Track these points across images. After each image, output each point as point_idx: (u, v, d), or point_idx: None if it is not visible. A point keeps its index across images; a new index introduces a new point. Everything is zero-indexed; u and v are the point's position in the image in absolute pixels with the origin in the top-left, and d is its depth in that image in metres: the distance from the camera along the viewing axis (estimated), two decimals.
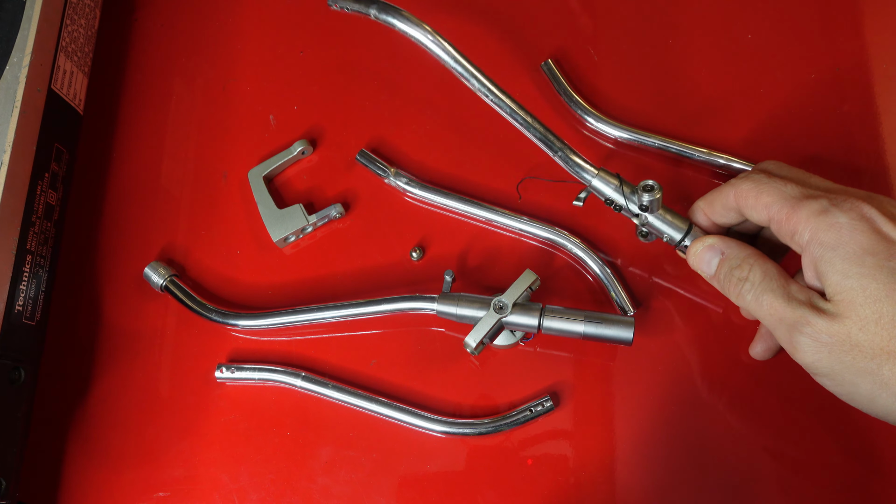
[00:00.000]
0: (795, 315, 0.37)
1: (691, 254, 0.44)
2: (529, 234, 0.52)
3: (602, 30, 0.57)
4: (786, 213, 0.39)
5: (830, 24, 0.55)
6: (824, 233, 0.37)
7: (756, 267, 0.40)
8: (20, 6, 0.50)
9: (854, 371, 0.36)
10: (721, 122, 0.53)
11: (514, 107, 0.45)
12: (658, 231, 0.45)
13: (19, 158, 0.48)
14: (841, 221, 0.37)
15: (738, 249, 0.42)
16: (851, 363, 0.36)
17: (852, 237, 0.36)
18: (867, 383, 0.36)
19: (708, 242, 0.43)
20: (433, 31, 0.45)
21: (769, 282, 0.39)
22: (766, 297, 0.39)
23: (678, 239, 0.45)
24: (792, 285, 0.39)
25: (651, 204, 0.43)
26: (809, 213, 0.38)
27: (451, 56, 0.45)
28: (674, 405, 0.48)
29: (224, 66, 0.59)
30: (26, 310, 0.48)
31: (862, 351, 0.35)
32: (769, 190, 0.40)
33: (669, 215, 0.45)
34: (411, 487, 0.48)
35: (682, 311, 0.50)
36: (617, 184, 0.45)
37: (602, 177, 0.45)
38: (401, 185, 0.53)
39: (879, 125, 0.52)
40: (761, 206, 0.40)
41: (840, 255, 0.36)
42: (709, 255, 0.43)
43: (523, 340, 0.49)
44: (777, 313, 0.38)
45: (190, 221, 0.55)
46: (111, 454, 0.50)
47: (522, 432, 0.48)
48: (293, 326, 0.51)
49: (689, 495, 0.46)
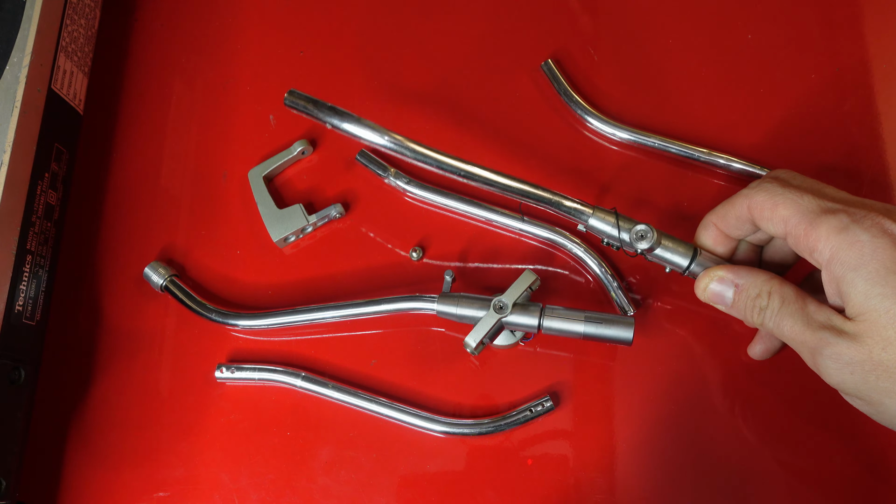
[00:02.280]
0: (816, 338, 0.37)
1: (701, 290, 0.43)
2: (529, 234, 0.52)
3: (602, 30, 0.57)
4: (804, 229, 0.38)
5: (830, 24, 0.55)
6: (846, 252, 0.36)
7: (774, 294, 0.40)
8: (20, 6, 0.50)
9: (880, 391, 0.36)
10: (721, 122, 0.53)
11: (500, 178, 0.45)
12: (662, 262, 0.44)
13: (19, 158, 0.48)
14: (863, 239, 0.36)
15: (752, 278, 0.41)
16: (876, 383, 0.36)
17: (874, 256, 0.35)
18: (894, 403, 0.36)
19: (718, 275, 0.42)
20: (392, 134, 0.44)
21: (788, 307, 0.39)
22: (786, 322, 0.39)
23: (685, 266, 0.44)
24: (810, 306, 0.38)
25: (649, 249, 0.43)
26: (829, 230, 0.37)
27: (414, 153, 0.44)
28: (674, 405, 0.48)
29: (224, 66, 0.59)
30: (26, 310, 0.48)
31: (887, 370, 0.35)
32: (785, 202, 0.39)
33: (671, 243, 0.44)
34: (411, 487, 0.48)
35: (682, 312, 0.50)
36: (613, 221, 0.44)
37: (598, 216, 0.45)
38: (401, 185, 0.53)
39: (879, 125, 0.52)
40: (778, 220, 0.39)
41: (862, 275, 0.36)
42: (721, 288, 0.42)
43: (523, 340, 0.49)
44: (798, 337, 0.38)
45: (190, 221, 0.55)
46: (111, 454, 0.50)
47: (522, 432, 0.48)
48: (293, 326, 0.51)
49: (689, 495, 0.46)
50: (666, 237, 0.44)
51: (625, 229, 0.44)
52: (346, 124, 0.43)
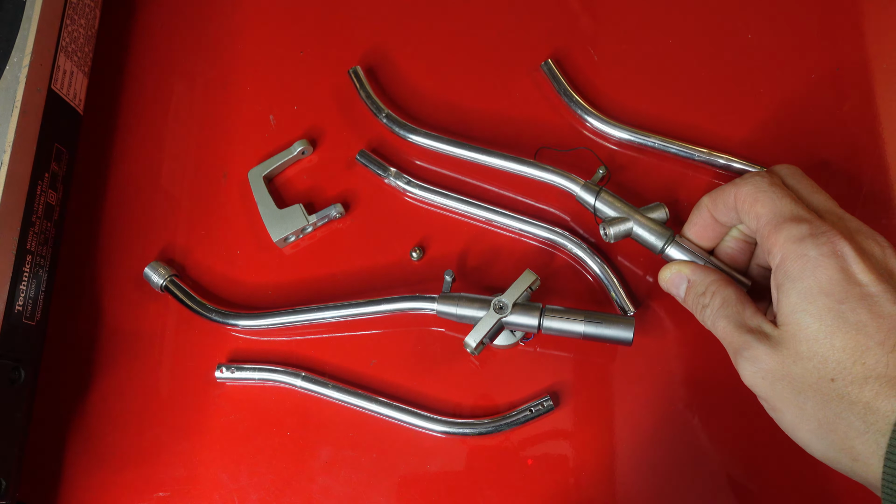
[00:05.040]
0: (741, 340, 0.39)
1: (661, 279, 0.46)
2: (529, 234, 0.52)
3: (602, 30, 0.57)
4: (768, 231, 0.39)
5: (830, 24, 0.55)
6: (791, 262, 0.37)
7: (717, 294, 0.42)
8: (20, 6, 0.50)
9: (783, 399, 0.37)
10: (721, 122, 0.53)
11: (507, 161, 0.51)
12: (640, 240, 0.47)
13: (19, 158, 0.48)
14: (810, 255, 0.37)
15: (702, 276, 0.43)
16: (781, 391, 0.37)
17: (814, 273, 0.36)
18: (791, 413, 0.37)
19: (675, 269, 0.45)
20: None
21: (725, 308, 0.41)
22: (720, 322, 0.41)
23: (659, 248, 0.46)
24: (747, 310, 0.40)
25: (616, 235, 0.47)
26: (786, 238, 0.38)
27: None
28: (674, 405, 0.48)
29: (224, 66, 0.59)
30: (26, 310, 0.48)
31: (792, 382, 0.37)
32: (764, 200, 0.40)
33: (651, 224, 0.46)
34: (411, 487, 0.48)
35: (682, 312, 0.49)
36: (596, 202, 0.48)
37: (587, 188, 0.49)
38: (401, 185, 0.53)
39: (879, 125, 0.52)
40: (753, 215, 0.41)
41: (797, 288, 0.37)
42: (677, 281, 0.45)
43: (523, 340, 0.49)
44: (727, 337, 0.40)
45: (190, 221, 0.55)
46: (111, 454, 0.50)
47: (522, 432, 0.48)
48: (293, 326, 0.51)
49: (689, 495, 0.46)
50: (647, 217, 0.46)
51: (606, 215, 0.48)
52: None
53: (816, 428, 0.36)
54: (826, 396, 0.35)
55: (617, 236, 0.46)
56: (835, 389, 0.35)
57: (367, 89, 0.54)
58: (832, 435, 0.36)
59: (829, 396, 0.35)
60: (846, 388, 0.35)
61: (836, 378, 0.35)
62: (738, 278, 0.44)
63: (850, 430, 0.35)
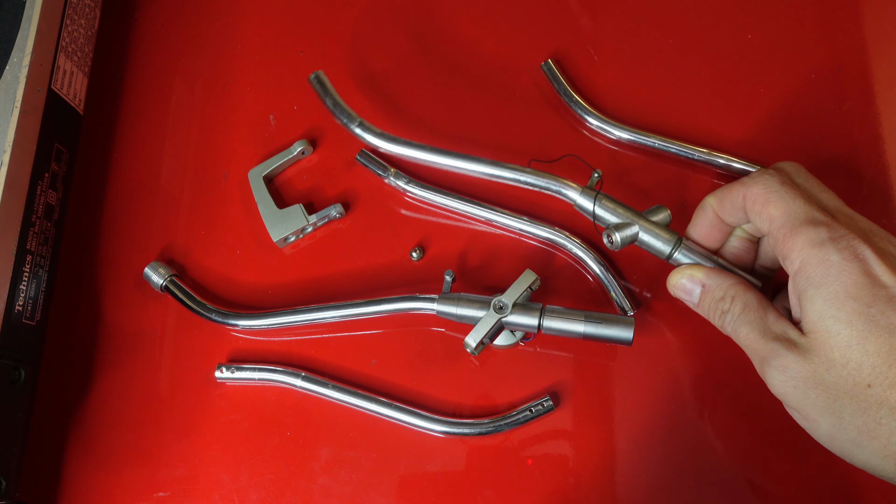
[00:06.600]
0: (767, 348, 0.38)
1: (671, 284, 0.44)
2: (529, 234, 0.52)
3: (602, 30, 0.57)
4: (784, 234, 0.38)
5: (830, 24, 0.55)
6: (813, 268, 0.36)
7: (737, 299, 0.40)
8: (20, 6, 0.50)
9: (817, 409, 0.36)
10: (721, 122, 0.53)
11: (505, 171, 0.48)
12: (645, 246, 0.45)
13: (19, 158, 0.48)
14: (832, 259, 0.36)
15: (719, 280, 0.42)
16: (815, 401, 0.36)
17: (839, 278, 0.36)
18: (828, 422, 0.36)
19: (687, 273, 0.43)
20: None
21: (747, 314, 0.40)
22: (743, 328, 0.40)
23: (667, 253, 0.44)
24: (770, 316, 0.39)
25: (621, 242, 0.44)
26: (805, 242, 0.37)
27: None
28: (674, 405, 0.48)
29: (224, 66, 0.59)
30: (26, 310, 0.48)
31: (826, 391, 0.36)
32: (777, 201, 0.39)
33: (656, 229, 0.44)
34: (411, 487, 0.48)
35: (682, 311, 0.50)
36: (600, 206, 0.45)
37: (586, 194, 0.46)
38: (401, 185, 0.53)
39: (879, 125, 0.52)
40: (765, 217, 0.39)
41: (822, 294, 0.36)
42: (690, 286, 0.43)
43: (523, 340, 0.49)
44: (752, 345, 0.39)
45: (190, 221, 0.55)
46: (111, 454, 0.50)
47: (522, 432, 0.48)
48: (293, 326, 0.51)
49: (689, 495, 0.46)
50: (651, 222, 0.44)
51: (605, 221, 0.45)
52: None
53: (857, 436, 0.35)
54: (864, 403, 0.34)
55: (624, 242, 0.44)
56: (873, 395, 0.34)
57: (334, 96, 0.51)
58: (874, 442, 0.35)
59: (868, 403, 0.34)
60: (885, 393, 0.34)
61: (873, 384, 0.34)
62: (751, 281, 0.43)
63: (894, 436, 0.34)
